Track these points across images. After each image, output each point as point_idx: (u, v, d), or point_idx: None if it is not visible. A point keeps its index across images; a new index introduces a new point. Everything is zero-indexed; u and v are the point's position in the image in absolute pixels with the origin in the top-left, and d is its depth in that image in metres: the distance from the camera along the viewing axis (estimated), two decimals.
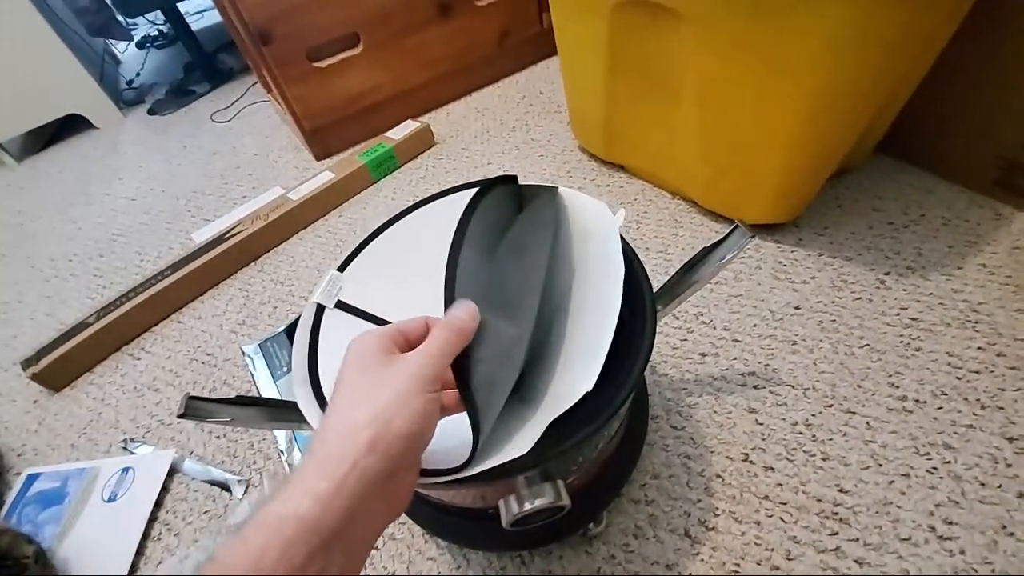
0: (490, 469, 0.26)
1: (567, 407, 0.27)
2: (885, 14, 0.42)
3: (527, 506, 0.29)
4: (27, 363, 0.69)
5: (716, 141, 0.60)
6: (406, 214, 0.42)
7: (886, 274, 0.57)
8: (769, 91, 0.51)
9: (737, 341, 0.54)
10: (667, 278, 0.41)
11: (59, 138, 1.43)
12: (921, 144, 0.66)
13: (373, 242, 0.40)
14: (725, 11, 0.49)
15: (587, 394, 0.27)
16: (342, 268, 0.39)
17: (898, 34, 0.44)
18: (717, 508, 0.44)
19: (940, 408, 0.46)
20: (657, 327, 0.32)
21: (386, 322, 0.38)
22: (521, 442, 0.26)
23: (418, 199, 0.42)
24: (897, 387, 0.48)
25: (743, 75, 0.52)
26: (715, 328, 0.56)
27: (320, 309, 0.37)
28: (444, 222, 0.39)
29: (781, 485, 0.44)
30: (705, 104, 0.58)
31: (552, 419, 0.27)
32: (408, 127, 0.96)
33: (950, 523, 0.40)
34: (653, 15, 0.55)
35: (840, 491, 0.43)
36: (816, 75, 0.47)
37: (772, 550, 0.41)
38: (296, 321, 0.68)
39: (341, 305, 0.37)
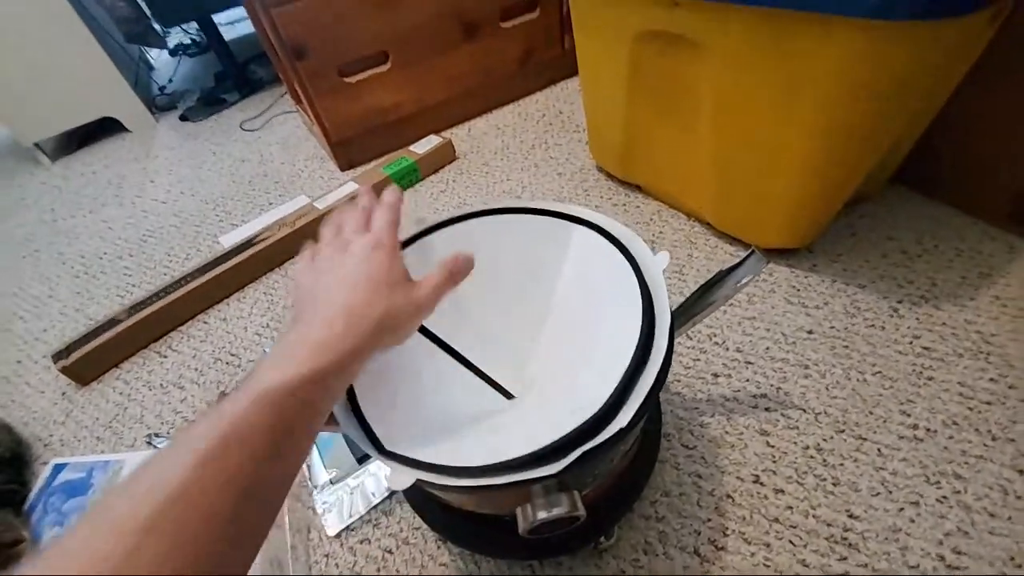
0: (495, 486, 0.27)
1: (586, 419, 0.29)
2: (897, 51, 0.43)
3: (544, 515, 0.30)
4: (57, 356, 0.72)
5: (732, 166, 0.62)
6: (443, 227, 0.42)
7: (899, 302, 0.58)
8: (785, 120, 0.53)
9: (750, 363, 0.55)
10: (681, 298, 0.42)
11: (93, 140, 1.48)
12: (936, 175, 0.67)
13: (421, 240, 0.41)
14: (745, 43, 0.51)
15: (608, 408, 0.29)
16: None
17: (911, 70, 0.45)
18: (727, 528, 0.44)
19: (951, 438, 0.46)
20: (672, 356, 0.33)
21: None
22: (552, 463, 0.28)
23: (438, 211, 0.43)
24: (908, 415, 0.49)
25: (760, 104, 0.54)
26: (728, 349, 0.57)
27: None
28: (497, 237, 0.41)
29: (791, 508, 0.45)
30: (722, 130, 0.60)
31: (571, 432, 0.28)
32: (431, 142, 0.99)
33: (959, 552, 0.40)
34: (674, 43, 0.57)
35: (850, 516, 0.43)
36: (831, 107, 0.49)
37: (781, 572, 0.41)
38: None
39: None
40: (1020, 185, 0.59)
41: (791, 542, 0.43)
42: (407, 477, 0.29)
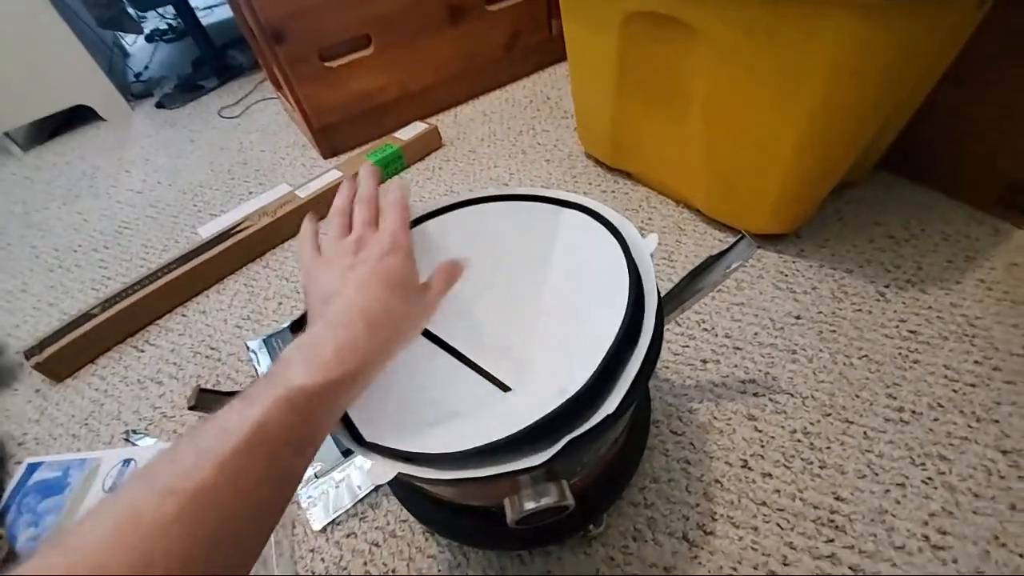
0: (479, 478, 0.27)
1: (565, 400, 0.28)
2: (888, 36, 0.43)
3: (532, 505, 0.30)
4: (30, 352, 0.69)
5: (722, 152, 0.61)
6: (451, 209, 0.41)
7: (886, 287, 0.58)
8: (776, 106, 0.52)
9: (738, 349, 0.55)
10: (670, 284, 0.42)
11: (66, 129, 1.43)
12: (923, 160, 0.67)
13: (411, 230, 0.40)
14: (738, 27, 0.50)
15: (592, 390, 0.28)
16: None
17: (900, 56, 0.45)
18: (715, 513, 0.44)
19: (936, 420, 0.47)
20: (661, 343, 0.33)
21: None
22: (538, 451, 0.27)
23: (424, 199, 0.43)
24: (894, 398, 0.49)
25: (751, 89, 0.53)
26: (716, 335, 0.57)
27: None
28: (487, 225, 0.41)
29: (779, 491, 0.45)
30: (712, 115, 0.59)
31: (550, 414, 0.27)
32: (416, 128, 0.97)
33: (944, 533, 0.40)
34: (666, 27, 0.56)
35: (837, 499, 0.43)
36: (822, 92, 0.48)
37: (769, 555, 0.41)
38: (302, 317, 0.69)
39: None
40: (1006, 170, 0.59)
41: (779, 525, 0.43)
42: (388, 470, 0.28)
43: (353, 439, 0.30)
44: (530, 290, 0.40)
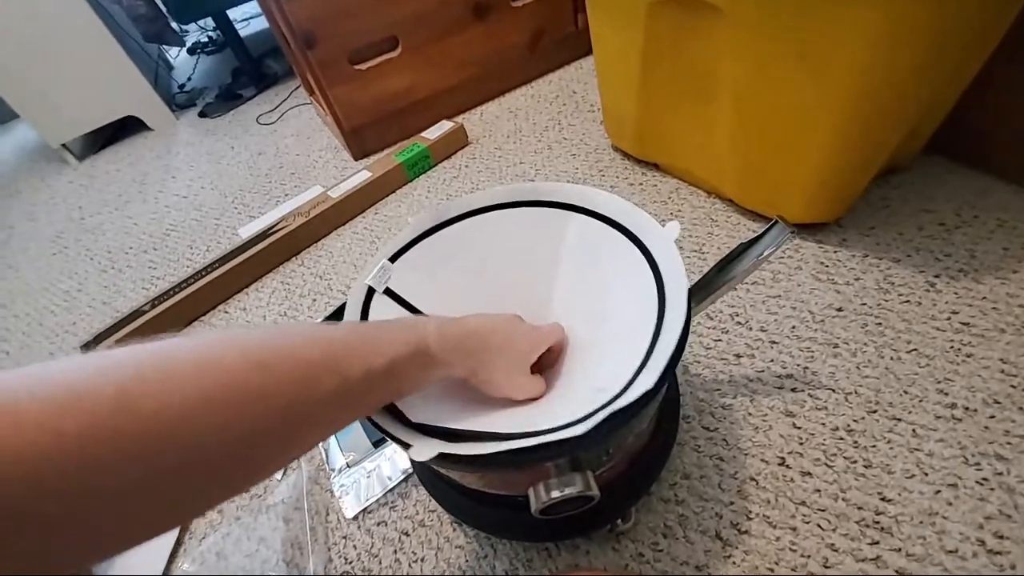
0: (521, 450, 0.27)
1: (618, 391, 0.28)
2: (929, 10, 0.40)
3: (557, 494, 0.30)
4: (86, 347, 0.74)
5: (754, 139, 0.59)
6: (460, 220, 0.43)
7: (936, 276, 0.55)
8: (809, 89, 0.50)
9: (775, 343, 0.53)
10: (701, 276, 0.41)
11: (117, 139, 1.52)
12: (975, 143, 0.63)
13: (424, 240, 0.42)
14: (766, 8, 0.48)
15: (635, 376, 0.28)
16: (393, 259, 0.41)
17: (943, 31, 0.42)
18: (751, 511, 0.43)
19: (992, 417, 0.44)
20: (690, 325, 0.32)
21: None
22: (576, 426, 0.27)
23: (451, 196, 0.44)
24: (946, 394, 0.46)
25: (783, 72, 0.51)
26: (751, 329, 0.55)
27: (370, 292, 0.39)
28: (494, 235, 0.42)
29: (819, 491, 0.43)
30: (743, 101, 0.57)
31: (604, 407, 0.28)
32: (443, 127, 0.98)
33: (1000, 537, 0.38)
34: (692, 12, 0.55)
35: (883, 500, 0.41)
36: (858, 72, 0.46)
37: (808, 557, 0.40)
38: (335, 312, 0.71)
39: (388, 292, 0.39)
40: None
41: (819, 526, 0.41)
42: (431, 448, 0.28)
43: (398, 421, 0.31)
44: (544, 297, 0.42)
